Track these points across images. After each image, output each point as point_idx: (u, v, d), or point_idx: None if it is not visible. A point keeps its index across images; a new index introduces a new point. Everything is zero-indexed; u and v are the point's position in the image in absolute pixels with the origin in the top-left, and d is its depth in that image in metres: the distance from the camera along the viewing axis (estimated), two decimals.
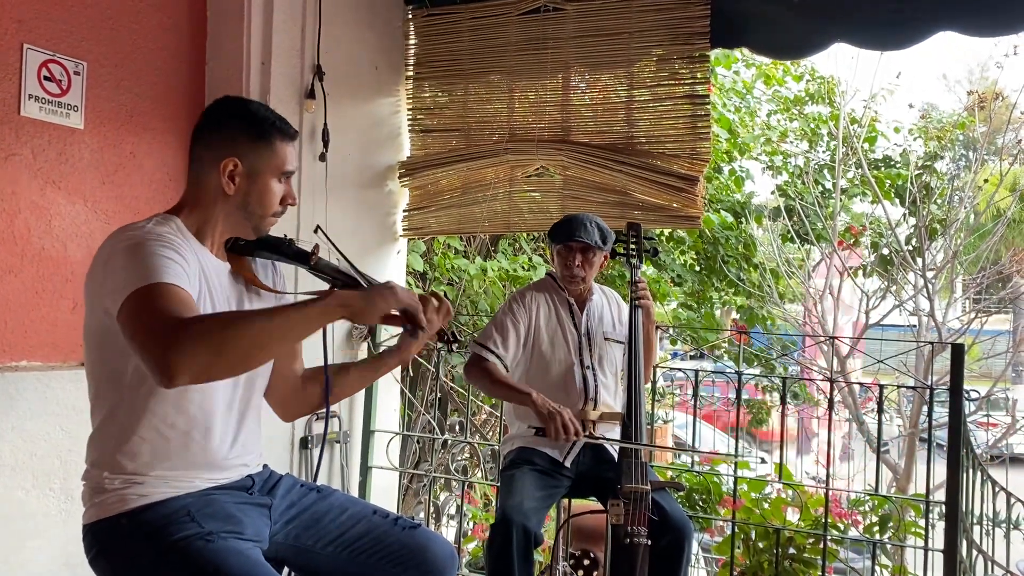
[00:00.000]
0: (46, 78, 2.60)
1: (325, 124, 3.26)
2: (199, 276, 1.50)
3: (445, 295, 1.70)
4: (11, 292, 2.54)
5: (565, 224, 2.68)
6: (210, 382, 1.44)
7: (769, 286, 6.77)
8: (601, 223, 2.69)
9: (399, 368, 3.80)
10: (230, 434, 1.59)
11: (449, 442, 4.36)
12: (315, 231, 1.63)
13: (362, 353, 3.47)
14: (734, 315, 7.92)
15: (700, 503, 3.83)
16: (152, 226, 1.48)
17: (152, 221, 1.51)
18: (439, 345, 1.88)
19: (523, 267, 5.00)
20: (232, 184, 1.55)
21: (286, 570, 1.71)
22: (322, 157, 3.26)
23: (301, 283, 2.35)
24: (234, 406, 1.60)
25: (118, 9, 2.81)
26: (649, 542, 2.30)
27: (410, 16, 3.71)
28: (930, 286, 6.21)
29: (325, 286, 1.59)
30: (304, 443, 3.26)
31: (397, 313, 1.59)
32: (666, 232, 6.44)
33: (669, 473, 3.91)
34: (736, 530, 3.24)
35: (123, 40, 2.83)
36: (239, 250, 1.63)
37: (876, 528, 3.54)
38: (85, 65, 2.70)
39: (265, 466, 1.72)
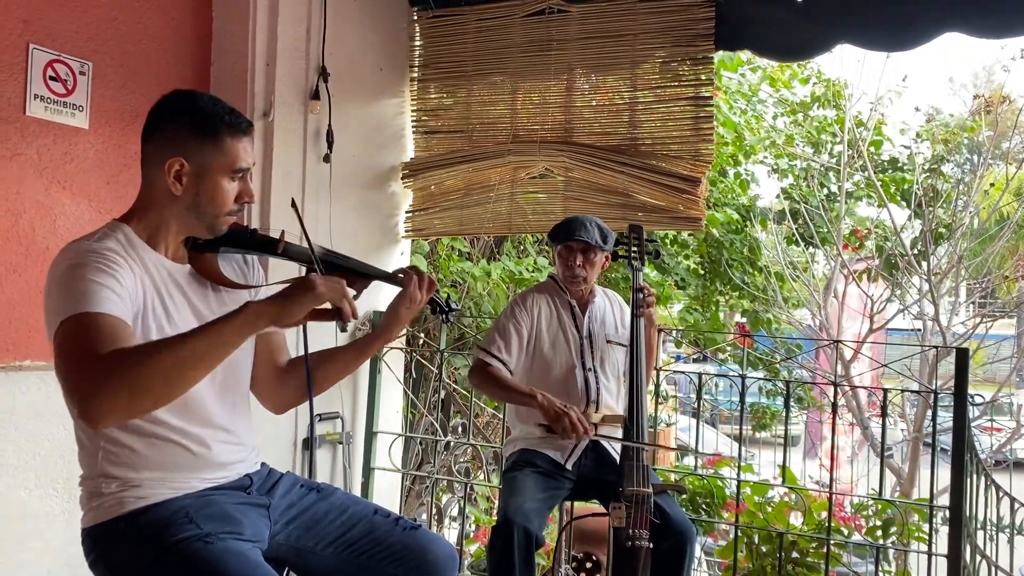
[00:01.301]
0: (51, 78, 2.61)
1: (329, 125, 3.27)
2: (142, 292, 1.45)
3: (420, 269, 1.67)
4: (15, 291, 2.54)
5: (565, 225, 2.67)
6: (136, 418, 1.39)
7: (774, 290, 6.75)
8: (601, 223, 2.68)
9: (402, 370, 3.82)
10: (220, 433, 1.57)
11: (452, 444, 4.36)
12: (291, 205, 1.54)
13: None
14: (738, 319, 7.90)
15: (703, 506, 3.82)
16: (94, 242, 1.44)
17: (98, 234, 1.47)
18: (435, 316, 1.84)
19: (528, 269, 4.99)
20: (179, 185, 1.48)
21: (286, 570, 1.71)
22: (326, 158, 3.27)
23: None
24: (221, 404, 1.57)
25: (124, 10, 2.82)
26: (651, 545, 2.29)
27: (415, 18, 3.71)
28: (935, 290, 6.19)
29: (298, 273, 1.53)
30: (306, 444, 3.26)
31: (323, 307, 1.48)
32: (670, 235, 6.43)
33: (672, 476, 3.90)
34: (739, 534, 3.23)
35: (128, 40, 2.84)
36: (200, 248, 1.56)
37: (879, 532, 3.53)
38: (91, 65, 2.71)
39: (263, 465, 1.72)
